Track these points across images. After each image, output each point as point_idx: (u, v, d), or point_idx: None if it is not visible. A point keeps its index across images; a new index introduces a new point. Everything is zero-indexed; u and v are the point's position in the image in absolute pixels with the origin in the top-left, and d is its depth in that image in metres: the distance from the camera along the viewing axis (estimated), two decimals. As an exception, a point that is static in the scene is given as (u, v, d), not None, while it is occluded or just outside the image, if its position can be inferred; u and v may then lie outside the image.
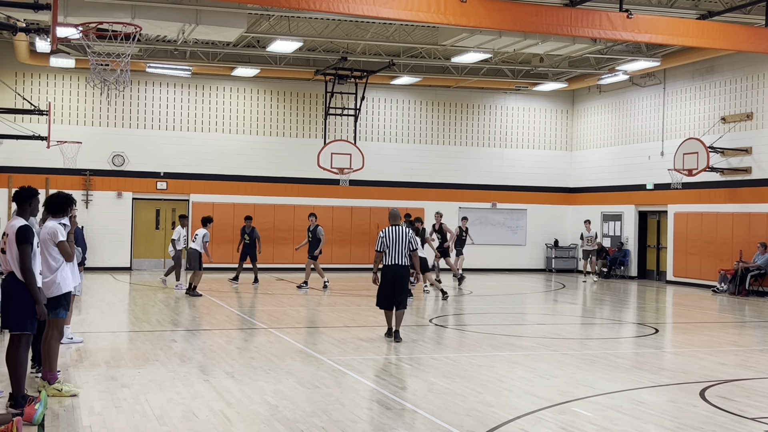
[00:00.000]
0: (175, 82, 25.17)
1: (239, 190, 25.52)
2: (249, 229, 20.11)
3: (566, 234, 28.66)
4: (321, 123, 25.58)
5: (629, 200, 25.90)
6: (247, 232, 20.11)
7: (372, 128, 26.93)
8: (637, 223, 25.87)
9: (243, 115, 25.82)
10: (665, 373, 9.50)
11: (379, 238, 11.38)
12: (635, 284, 23.85)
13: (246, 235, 20.11)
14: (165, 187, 25.07)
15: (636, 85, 25.64)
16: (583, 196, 28.23)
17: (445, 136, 27.63)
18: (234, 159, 25.53)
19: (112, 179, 24.55)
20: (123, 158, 24.61)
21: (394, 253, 11.24)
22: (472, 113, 27.91)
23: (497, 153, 28.08)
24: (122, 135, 24.68)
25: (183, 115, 25.29)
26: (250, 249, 20.02)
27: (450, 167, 27.47)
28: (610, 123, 27.05)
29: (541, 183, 28.42)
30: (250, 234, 20.05)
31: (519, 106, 28.38)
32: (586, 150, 28.20)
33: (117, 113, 24.68)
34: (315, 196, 25.94)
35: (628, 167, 25.90)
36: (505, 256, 27.80)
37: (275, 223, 25.51)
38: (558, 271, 27.93)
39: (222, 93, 25.67)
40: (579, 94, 28.52)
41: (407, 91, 27.22)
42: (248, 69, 24.06)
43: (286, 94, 26.22)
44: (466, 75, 25.37)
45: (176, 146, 25.06)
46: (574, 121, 28.86)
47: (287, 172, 25.91)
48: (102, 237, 24.18)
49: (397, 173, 26.86)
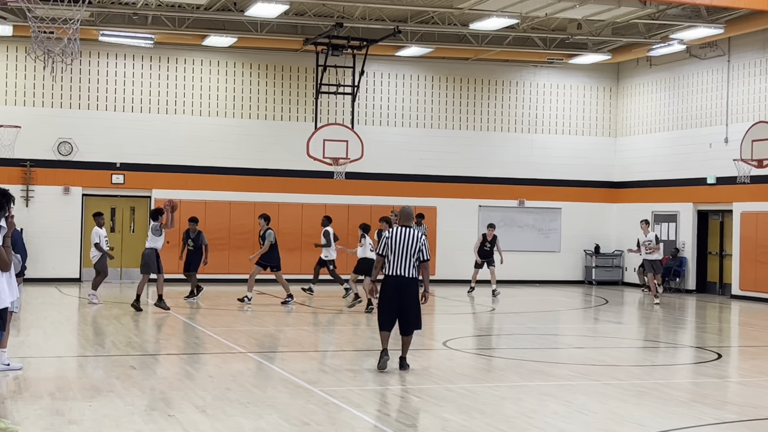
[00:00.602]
0: (134, 53, 25.20)
1: (212, 185, 25.54)
2: (194, 233, 19.63)
3: (609, 238, 28.65)
4: (311, 103, 25.61)
5: (686, 197, 25.87)
6: (191, 237, 19.63)
7: (373, 110, 26.94)
8: (695, 225, 25.83)
9: (216, 93, 25.84)
10: (730, 408, 9.49)
11: (383, 238, 11.17)
12: (693, 299, 23.82)
13: (190, 240, 19.61)
14: (122, 180, 25.10)
15: (694, 57, 25.62)
16: (629, 192, 28.21)
17: (462, 120, 27.62)
18: (206, 147, 25.55)
19: (57, 171, 24.58)
20: (71, 146, 24.65)
21: (400, 262, 10.92)
22: (494, 91, 27.90)
23: (525, 140, 28.07)
24: (70, 118, 24.71)
25: (144, 93, 25.31)
26: (193, 257, 19.54)
27: (468, 157, 27.46)
28: (662, 103, 27.03)
29: (579, 176, 28.40)
30: (195, 240, 19.58)
31: (552, 82, 28.36)
32: (634, 136, 28.18)
33: (63, 91, 24.71)
34: (304, 192, 25.95)
35: (685, 157, 25.88)
36: (535, 265, 27.79)
37: (255, 225, 25.48)
38: (600, 284, 27.92)
39: (191, 67, 25.69)
40: (625, 68, 28.50)
41: (416, 65, 27.21)
42: (223, 37, 24.08)
43: (268, 69, 26.23)
44: (488, 45, 25.36)
45: (136, 131, 25.09)
46: (618, 100, 28.84)
47: (270, 163, 25.92)
48: (45, 242, 24.20)
49: (403, 164, 26.87)
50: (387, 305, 11.07)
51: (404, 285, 10.98)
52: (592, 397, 9.75)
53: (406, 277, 10.97)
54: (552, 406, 9.26)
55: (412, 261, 10.94)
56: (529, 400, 9.53)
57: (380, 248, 11.16)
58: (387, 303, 11.07)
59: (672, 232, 26.43)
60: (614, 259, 28.37)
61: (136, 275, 24.97)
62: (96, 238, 18.89)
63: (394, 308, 11.00)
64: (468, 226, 27.05)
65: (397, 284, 10.98)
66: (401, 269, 10.95)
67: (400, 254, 10.96)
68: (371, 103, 26.90)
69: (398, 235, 11.01)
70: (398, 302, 10.97)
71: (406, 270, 10.95)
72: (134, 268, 25.14)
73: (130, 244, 25.20)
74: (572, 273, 28.40)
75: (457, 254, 26.55)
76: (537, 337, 15.47)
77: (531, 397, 9.69)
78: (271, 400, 9.29)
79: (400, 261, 10.94)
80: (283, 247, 23.76)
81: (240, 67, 26.02)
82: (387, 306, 11.07)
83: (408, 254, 10.94)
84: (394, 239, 10.98)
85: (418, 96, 27.33)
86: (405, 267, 10.94)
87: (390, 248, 10.99)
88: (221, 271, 24.43)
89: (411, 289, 11.02)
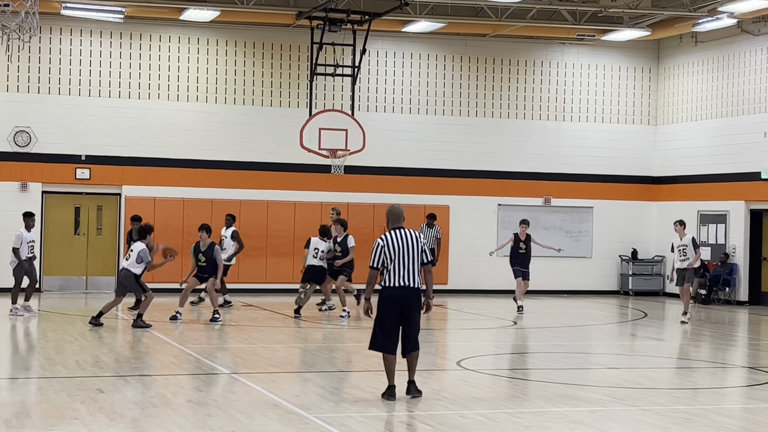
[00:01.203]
0: (101, 29, 25.22)
1: (191, 181, 25.54)
2: (204, 246, 19.69)
3: (649, 242, 28.62)
4: (305, 87, 25.61)
5: (737, 194, 25.84)
6: (201, 251, 19.67)
7: (376, 94, 26.94)
8: (748, 226, 25.80)
9: (196, 75, 25.84)
10: (788, 438, 9.51)
11: (376, 247, 10.80)
12: (745, 312, 23.78)
13: (200, 254, 19.68)
14: (87, 176, 25.12)
15: (747, 33, 25.58)
16: (671, 188, 28.19)
17: (479, 105, 27.62)
18: (184, 137, 25.56)
19: (13, 165, 24.60)
20: (29, 136, 24.68)
21: (403, 270, 10.69)
22: (516, 73, 27.88)
23: (552, 128, 28.06)
24: (27, 103, 24.73)
25: (113, 76, 25.32)
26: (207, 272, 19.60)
27: (486, 148, 27.45)
28: (709, 86, 27.00)
29: (614, 170, 28.38)
30: (206, 253, 19.47)
31: (582, 62, 28.34)
32: (676, 124, 28.15)
33: (21, 73, 24.73)
34: (297, 188, 25.95)
35: (736, 148, 25.85)
36: (563, 272, 27.76)
37: (242, 227, 25.52)
38: (637, 294, 27.89)
39: (167, 45, 25.70)
40: (667, 45, 28.48)
41: (426, 42, 27.21)
42: (203, 11, 24.09)
43: (256, 47, 26.23)
44: (508, 19, 25.35)
45: (103, 119, 25.10)
46: (659, 83, 28.82)
47: (258, 155, 25.92)
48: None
49: (411, 156, 26.86)
50: (390, 323, 10.77)
51: (410, 297, 10.77)
52: (628, 426, 9.74)
53: (412, 288, 10.75)
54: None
55: (416, 267, 10.78)
56: (556, 429, 9.53)
57: (375, 259, 10.79)
58: (390, 320, 10.76)
59: (721, 235, 26.38)
60: (654, 266, 28.33)
61: (103, 284, 25.09)
62: (18, 242, 18.79)
63: (396, 324, 10.79)
64: (486, 227, 27.02)
65: (402, 297, 10.72)
66: (406, 278, 10.71)
67: (401, 262, 10.72)
68: (374, 87, 26.89)
69: (394, 240, 10.77)
70: (400, 316, 10.76)
71: (411, 279, 10.74)
72: (101, 276, 25.26)
73: (97, 249, 25.25)
74: (606, 282, 28.35)
75: (473, 260, 26.53)
76: (565, 356, 15.46)
77: (559, 426, 9.68)
78: (260, 428, 9.29)
79: (404, 269, 10.72)
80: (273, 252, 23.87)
81: (223, 45, 26.02)
82: (390, 324, 10.77)
83: (411, 260, 10.75)
84: (390, 246, 10.72)
85: (428, 78, 27.32)
86: (410, 276, 10.73)
87: (388, 257, 10.72)
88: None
89: (417, 301, 10.88)
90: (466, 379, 12.73)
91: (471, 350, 15.56)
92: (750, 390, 12.56)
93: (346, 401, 10.81)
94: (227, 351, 15.25)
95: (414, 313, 10.82)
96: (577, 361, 15.16)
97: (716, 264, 25.98)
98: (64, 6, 23.16)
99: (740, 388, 12.87)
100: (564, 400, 11.17)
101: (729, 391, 12.58)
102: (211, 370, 12.91)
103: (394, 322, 10.77)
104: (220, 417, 9.76)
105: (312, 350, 15.65)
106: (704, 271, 25.99)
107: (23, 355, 14.35)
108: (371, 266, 10.83)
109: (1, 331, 16.73)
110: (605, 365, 14.75)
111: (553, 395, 11.46)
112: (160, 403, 10.51)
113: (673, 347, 17.43)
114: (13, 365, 13.20)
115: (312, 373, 12.93)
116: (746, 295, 25.62)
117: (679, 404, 11.13)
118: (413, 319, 10.83)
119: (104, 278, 25.22)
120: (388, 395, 10.75)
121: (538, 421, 9.87)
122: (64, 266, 25.10)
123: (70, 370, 12.70)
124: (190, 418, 9.69)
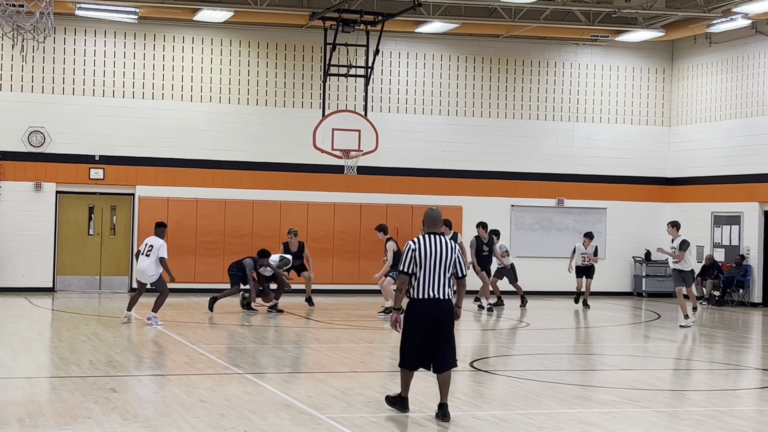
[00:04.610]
0: (115, 29, 25.30)
1: (204, 181, 25.60)
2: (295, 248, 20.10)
3: (662, 243, 28.39)
4: (318, 87, 25.64)
5: (752, 195, 25.77)
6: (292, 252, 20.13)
7: (389, 95, 26.94)
8: (762, 227, 25.72)
9: (210, 76, 25.90)
10: (801, 440, 9.48)
11: (407, 250, 10.01)
12: (759, 314, 23.71)
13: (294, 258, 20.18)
14: (101, 176, 25.20)
15: (761, 34, 25.51)
16: (685, 189, 28.12)
17: (492, 106, 27.60)
18: (197, 137, 25.61)
19: (27, 165, 24.69)
20: (43, 136, 24.76)
21: (433, 280, 9.87)
22: (529, 73, 27.85)
23: (565, 129, 28.02)
24: (42, 104, 24.82)
25: (127, 76, 25.40)
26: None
27: (499, 149, 27.44)
28: (724, 87, 26.93)
29: (627, 171, 28.32)
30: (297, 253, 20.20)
31: (596, 63, 28.30)
32: (691, 125, 28.09)
33: (35, 74, 24.82)
34: (310, 189, 25.98)
35: (750, 149, 25.77)
36: (576, 273, 27.72)
37: (254, 227, 25.59)
38: (651, 296, 27.83)
39: (181, 45, 25.76)
40: (681, 46, 28.41)
41: (439, 43, 27.21)
42: (217, 11, 24.13)
43: (269, 47, 26.27)
44: (522, 19, 25.33)
45: (117, 119, 25.18)
46: (673, 84, 28.75)
47: (271, 156, 25.96)
48: (14, 245, 24.32)
49: (423, 157, 26.86)
50: (420, 337, 9.93)
51: (444, 310, 9.94)
52: (641, 427, 9.72)
53: (444, 300, 9.93)
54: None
55: (447, 278, 9.95)
56: (569, 430, 9.51)
57: (405, 264, 9.96)
58: (420, 334, 9.93)
59: (735, 237, 26.31)
60: (668, 268, 28.19)
61: (116, 284, 25.17)
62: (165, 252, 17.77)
63: (427, 340, 9.93)
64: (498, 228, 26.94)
65: (435, 310, 9.89)
66: (437, 290, 9.90)
67: (432, 270, 9.88)
68: (387, 87, 26.89)
69: (427, 245, 9.94)
70: (431, 331, 9.91)
71: (442, 290, 9.91)
72: (114, 276, 25.32)
73: (111, 249, 25.31)
74: (619, 283, 28.30)
75: (486, 261, 26.48)
76: (578, 357, 15.43)
77: (571, 427, 9.67)
78: (272, 428, 9.30)
79: (435, 279, 9.89)
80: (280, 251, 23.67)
81: (237, 46, 26.07)
82: (420, 338, 9.93)
83: (442, 269, 9.92)
84: (422, 252, 9.88)
85: (441, 79, 27.31)
86: (440, 287, 9.90)
87: (417, 263, 9.90)
88: (215, 280, 24.34)
89: (450, 315, 10.01)
90: (478, 380, 12.73)
91: (483, 351, 15.55)
92: (764, 392, 12.53)
93: (358, 402, 10.81)
94: (240, 351, 15.28)
95: (446, 327, 9.97)
96: (590, 363, 15.14)
97: (730, 265, 25.90)
98: (79, 6, 23.22)
99: (754, 390, 12.84)
100: (577, 402, 11.16)
101: (742, 393, 12.55)
102: (224, 370, 12.93)
103: (425, 337, 9.94)
104: (233, 417, 9.77)
105: (324, 351, 15.67)
106: (718, 272, 25.94)
107: (38, 355, 14.40)
108: (401, 271, 10.00)
109: (15, 331, 16.79)
110: (618, 366, 14.73)
111: (565, 396, 11.45)
112: (174, 403, 10.53)
113: (686, 349, 17.39)
114: (28, 365, 13.24)
115: (325, 374, 12.94)
116: (760, 297, 25.54)
117: (692, 406, 11.11)
118: (445, 333, 9.97)
119: (118, 278, 25.30)
120: (399, 404, 10.21)
121: (550, 423, 9.86)
122: (77, 266, 25.17)
123: (83, 370, 12.74)
124: (203, 418, 9.70)
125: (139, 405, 10.43)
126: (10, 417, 9.55)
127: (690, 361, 15.83)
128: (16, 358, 13.71)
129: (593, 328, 20.08)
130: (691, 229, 27.21)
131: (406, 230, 25.23)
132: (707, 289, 25.78)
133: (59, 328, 17.81)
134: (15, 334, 16.27)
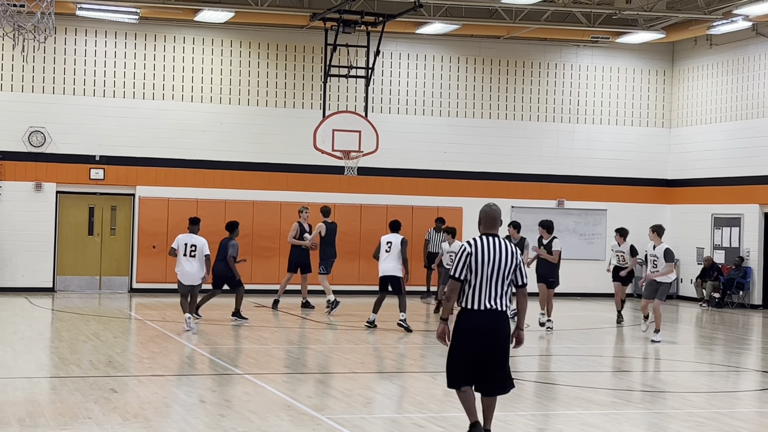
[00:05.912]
0: (116, 30, 25.29)
1: (205, 181, 25.59)
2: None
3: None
4: (319, 88, 25.64)
5: (752, 197, 25.76)
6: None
7: (390, 96, 26.93)
8: (762, 229, 25.71)
9: (210, 77, 25.90)
10: (801, 442, 9.49)
11: (461, 253, 8.72)
12: (759, 316, 23.70)
13: None
14: (102, 176, 25.20)
15: (762, 36, 25.51)
16: (685, 191, 28.11)
17: (493, 107, 27.59)
18: (198, 138, 25.60)
19: (27, 165, 24.68)
20: (43, 136, 24.76)
21: (487, 288, 8.62)
22: (530, 75, 27.84)
23: (566, 131, 28.01)
24: (42, 104, 24.81)
25: (127, 76, 25.40)
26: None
27: (499, 150, 27.42)
28: (724, 89, 26.92)
29: (628, 173, 28.31)
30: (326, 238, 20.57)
31: (597, 64, 28.29)
32: (691, 127, 28.08)
33: (36, 74, 24.82)
34: (310, 190, 25.95)
35: (751, 151, 25.77)
36: (576, 274, 27.68)
37: (254, 227, 25.57)
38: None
39: (181, 46, 25.76)
40: (681, 48, 28.41)
41: (440, 44, 27.20)
42: (218, 12, 24.13)
43: (270, 48, 26.26)
44: (523, 21, 25.33)
45: (117, 119, 25.17)
46: (674, 85, 28.74)
47: (272, 156, 25.95)
48: (14, 245, 24.32)
49: (424, 158, 26.85)
50: (470, 352, 8.69)
51: (500, 324, 8.67)
52: (641, 429, 9.73)
53: (500, 311, 8.65)
54: (595, 438, 9.26)
55: (505, 286, 8.71)
56: (568, 431, 9.51)
57: (458, 268, 8.69)
58: (470, 349, 8.68)
59: (735, 238, 26.31)
60: (668, 269, 28.22)
61: (116, 284, 25.17)
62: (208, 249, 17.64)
63: (479, 357, 8.70)
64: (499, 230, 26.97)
65: (489, 322, 8.63)
66: (492, 299, 8.65)
67: (489, 277, 8.64)
68: (388, 88, 26.89)
69: (485, 248, 8.69)
70: (484, 349, 8.68)
71: (498, 300, 8.66)
72: (115, 276, 25.31)
73: (111, 249, 25.29)
74: (619, 285, 28.29)
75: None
76: (578, 359, 15.43)
77: (572, 428, 9.67)
78: (272, 428, 9.31)
79: (491, 287, 8.65)
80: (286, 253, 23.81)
81: (237, 47, 26.07)
82: (470, 353, 8.69)
83: (500, 276, 8.67)
84: (477, 255, 8.65)
85: (442, 80, 27.31)
86: (497, 297, 8.65)
87: (472, 269, 8.66)
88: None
89: (506, 329, 8.75)
90: (478, 381, 12.73)
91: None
92: (763, 394, 12.53)
93: (358, 402, 10.81)
94: (240, 351, 15.28)
95: (501, 343, 8.72)
96: (589, 364, 15.14)
97: (731, 267, 25.90)
98: (79, 7, 23.22)
99: (754, 392, 12.84)
100: (577, 403, 11.17)
101: (742, 395, 12.56)
102: (224, 371, 12.94)
103: (476, 352, 8.69)
104: (233, 417, 9.78)
105: (325, 351, 15.67)
106: (718, 274, 25.94)
107: (38, 355, 14.41)
108: (453, 276, 8.68)
109: (16, 331, 16.79)
110: (618, 368, 14.74)
111: (566, 398, 11.46)
112: (174, 403, 10.54)
113: (686, 350, 17.39)
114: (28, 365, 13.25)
115: (324, 374, 12.94)
116: (760, 299, 25.52)
117: (692, 407, 11.11)
118: (500, 351, 8.73)
119: (118, 278, 25.29)
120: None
121: (551, 424, 9.87)
122: (78, 266, 25.16)
123: (83, 370, 12.75)
124: (203, 419, 9.71)
125: (139, 405, 10.44)
126: (11, 417, 9.56)
127: (690, 362, 15.82)
128: (17, 358, 13.71)
129: (593, 329, 20.08)
130: (692, 231, 27.33)
131: (406, 230, 25.18)
132: (707, 291, 25.76)
133: (59, 328, 17.81)
134: (15, 334, 16.28)
